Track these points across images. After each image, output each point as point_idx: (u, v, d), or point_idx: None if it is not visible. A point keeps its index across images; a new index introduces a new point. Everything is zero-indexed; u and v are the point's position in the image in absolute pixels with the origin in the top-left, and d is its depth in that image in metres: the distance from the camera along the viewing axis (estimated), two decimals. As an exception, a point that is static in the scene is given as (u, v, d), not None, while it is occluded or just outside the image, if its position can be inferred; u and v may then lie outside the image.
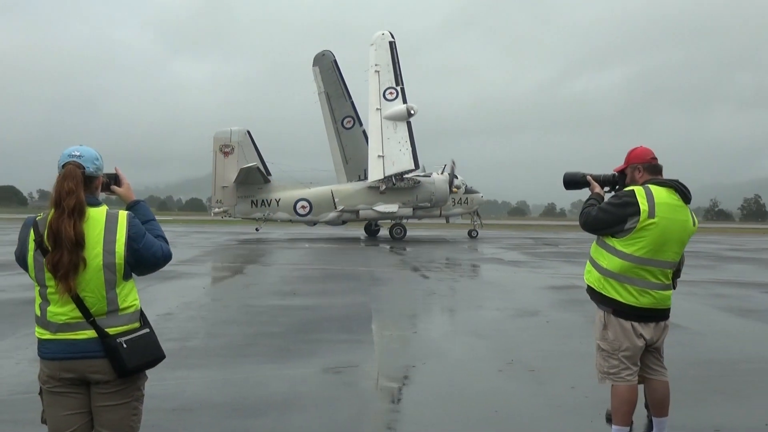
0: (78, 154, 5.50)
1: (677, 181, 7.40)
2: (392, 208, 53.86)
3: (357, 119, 58.62)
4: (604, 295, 7.26)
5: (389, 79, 52.65)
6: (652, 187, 7.24)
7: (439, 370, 11.40)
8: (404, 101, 51.97)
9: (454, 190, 56.16)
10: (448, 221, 62.75)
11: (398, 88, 52.18)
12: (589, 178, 7.87)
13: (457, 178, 57.16)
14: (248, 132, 57.39)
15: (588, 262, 7.54)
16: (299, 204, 55.68)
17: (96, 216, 5.37)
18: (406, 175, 53.11)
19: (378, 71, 52.93)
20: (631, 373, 7.28)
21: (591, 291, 7.46)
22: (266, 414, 8.95)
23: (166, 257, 5.61)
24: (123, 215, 5.44)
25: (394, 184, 53.37)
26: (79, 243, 5.23)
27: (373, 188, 54.18)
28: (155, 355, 5.55)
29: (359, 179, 57.12)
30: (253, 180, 55.41)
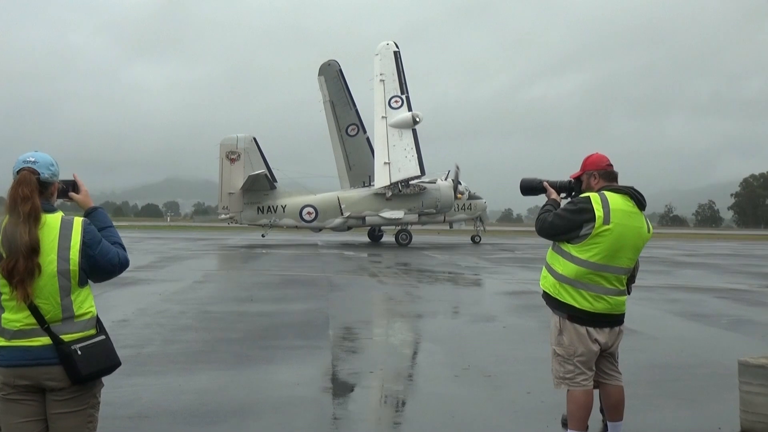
0: (33, 160, 5.47)
1: (632, 187, 7.48)
2: (398, 214, 54.49)
3: (361, 126, 59.51)
4: (560, 301, 7.31)
5: (394, 88, 53.37)
6: (608, 194, 7.31)
7: (396, 375, 11.44)
8: (409, 109, 52.74)
9: (459, 196, 56.73)
10: (452, 227, 63.22)
11: (403, 97, 52.95)
12: (545, 184, 7.94)
13: (460, 183, 57.70)
14: (254, 139, 58.16)
15: (544, 267, 7.60)
16: (305, 210, 56.48)
17: (51, 222, 5.33)
18: (412, 182, 53.68)
19: (383, 80, 53.49)
20: (586, 378, 7.34)
21: (547, 296, 7.51)
22: (225, 420, 8.93)
23: (123, 264, 5.58)
24: (78, 222, 5.41)
25: (400, 191, 53.83)
26: (34, 249, 5.19)
27: (380, 195, 54.54)
28: (111, 362, 5.52)
29: (363, 185, 57.88)
30: (260, 186, 56.24)
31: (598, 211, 7.16)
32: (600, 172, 7.54)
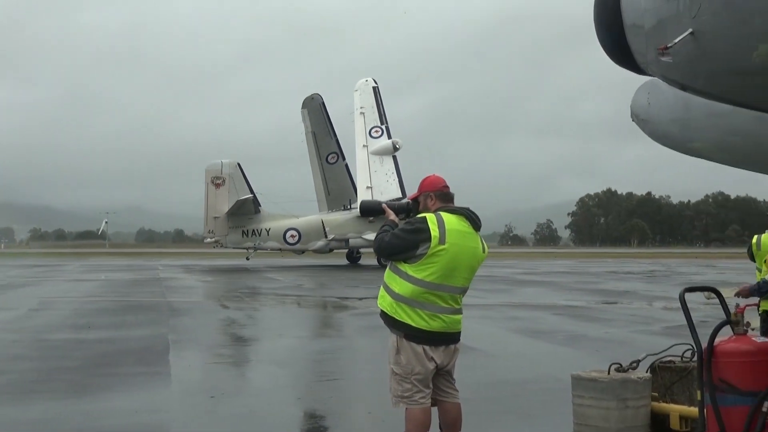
0: None
1: (467, 208, 7.62)
2: None
3: (340, 154, 62.32)
4: (397, 320, 7.36)
5: (374, 119, 57.13)
6: (444, 214, 7.41)
7: (239, 400, 11.30)
8: (389, 137, 56.00)
9: None
10: None
11: (383, 127, 56.51)
12: (384, 206, 8.03)
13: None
14: (239, 164, 61.16)
15: (381, 287, 7.66)
16: (289, 233, 59.21)
17: None
18: None
19: (363, 113, 57.37)
20: (423, 396, 7.39)
21: (384, 315, 7.56)
22: (58, 452, 8.65)
23: None
24: None
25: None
26: None
27: (362, 218, 55.64)
28: None
29: (343, 209, 60.24)
30: (245, 210, 59.07)
31: (434, 231, 7.24)
32: (436, 193, 7.66)
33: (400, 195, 53.97)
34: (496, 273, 47.86)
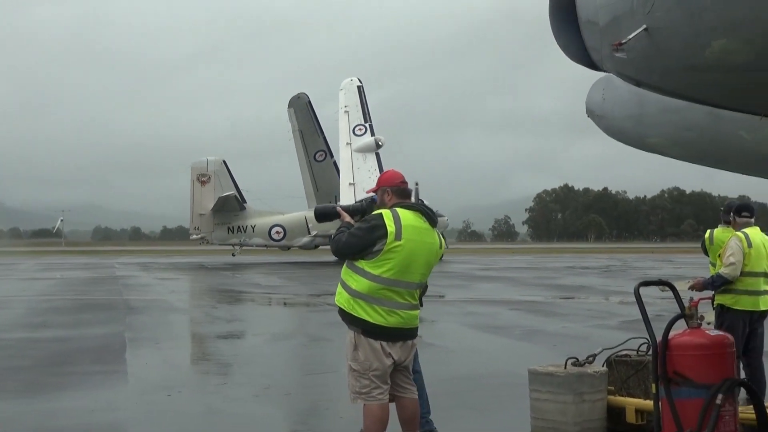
0: None
1: (423, 204, 7.64)
2: None
3: (328, 152, 63.03)
4: (354, 316, 7.35)
5: (358, 117, 57.30)
6: (399, 210, 7.43)
7: (196, 397, 11.25)
8: (372, 134, 56.13)
9: None
10: None
11: (367, 125, 56.53)
12: (339, 209, 8.03)
13: (423, 202, 58.48)
14: (224, 162, 62.86)
15: (339, 284, 7.65)
16: (274, 230, 60.66)
17: None
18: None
19: (347, 111, 57.22)
20: (381, 392, 7.39)
21: (342, 312, 7.55)
22: (12, 452, 8.56)
23: None
24: None
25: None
26: None
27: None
28: None
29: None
30: (230, 207, 60.14)
31: (390, 227, 7.25)
32: (393, 189, 7.68)
33: None
34: (454, 269, 47.99)
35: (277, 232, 60.56)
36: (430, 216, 7.57)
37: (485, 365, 13.82)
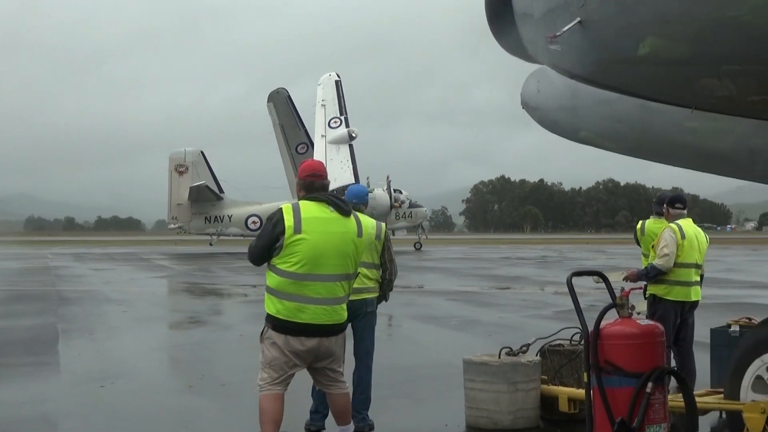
0: None
1: (331, 194, 7.48)
2: None
3: (310, 145, 62.51)
4: (267, 311, 7.26)
5: (334, 111, 58.35)
6: (302, 203, 7.30)
7: (129, 388, 11.16)
8: (347, 127, 57.10)
9: (396, 204, 61.46)
10: (393, 234, 64.58)
11: (342, 117, 57.51)
12: None
13: (401, 193, 63.10)
14: (202, 152, 64.64)
15: None
16: (250, 219, 61.38)
17: None
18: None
19: (324, 105, 58.18)
20: (277, 385, 7.25)
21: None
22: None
23: None
24: None
25: None
26: None
27: None
28: None
29: None
30: (206, 197, 61.15)
31: (288, 221, 7.11)
32: (301, 183, 7.52)
33: (352, 181, 55.03)
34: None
35: (254, 222, 60.94)
36: (339, 205, 7.37)
37: (421, 355, 13.89)
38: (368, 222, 8.91)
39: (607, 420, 6.37)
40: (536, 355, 9.41)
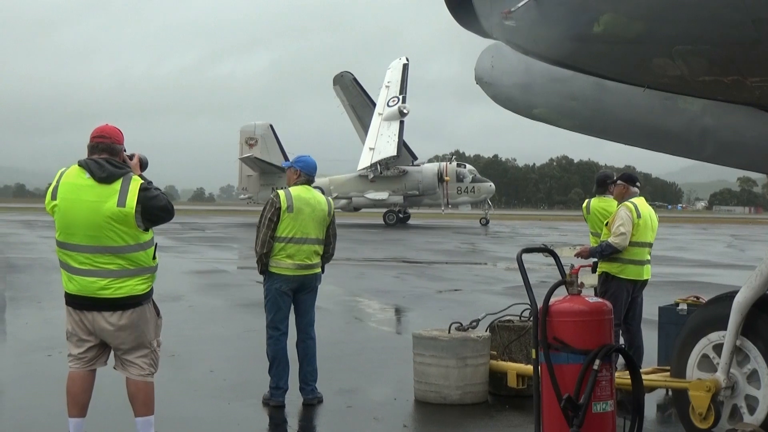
0: None
1: (90, 158, 6.69)
2: (382, 195, 60.89)
3: None
4: None
5: (395, 91, 61.37)
6: (71, 167, 6.75)
7: (76, 359, 11.04)
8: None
9: (446, 179, 62.09)
10: (457, 209, 70.18)
11: (400, 97, 60.28)
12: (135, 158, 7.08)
13: (465, 167, 65.21)
14: (271, 125, 68.01)
15: None
16: None
17: None
18: (398, 166, 60.77)
19: (388, 86, 61.56)
20: (73, 360, 6.92)
21: None
22: None
23: None
24: None
25: (381, 173, 60.25)
26: None
27: (363, 177, 61.39)
28: None
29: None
30: (272, 169, 62.37)
31: (52, 186, 6.71)
32: (89, 144, 6.81)
33: (394, 153, 58.15)
34: (343, 233, 48.00)
35: None
36: (93, 171, 6.58)
37: (371, 329, 13.92)
38: (320, 197, 8.96)
39: (555, 396, 6.40)
40: (486, 331, 9.45)
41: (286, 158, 64.44)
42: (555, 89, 7.40)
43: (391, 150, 58.34)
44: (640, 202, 10.21)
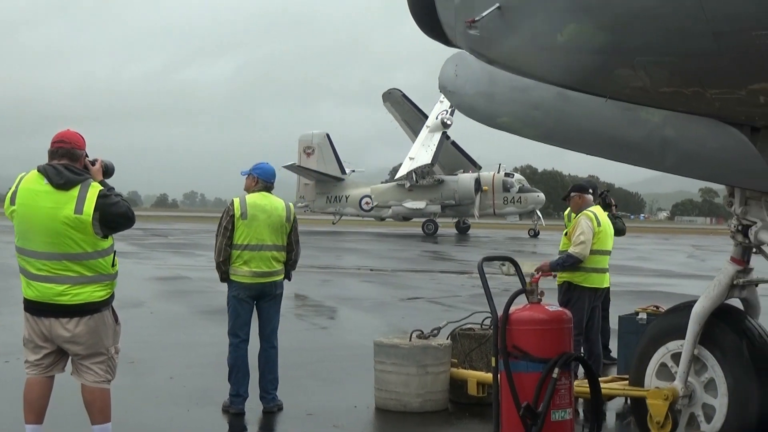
0: None
1: (46, 165, 6.61)
2: (420, 204, 60.69)
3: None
4: None
5: (448, 105, 58.42)
6: (31, 172, 6.67)
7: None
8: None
9: (484, 189, 61.52)
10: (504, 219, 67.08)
11: (450, 109, 57.88)
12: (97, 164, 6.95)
13: (512, 176, 64.18)
14: (327, 135, 68.16)
15: None
16: (363, 200, 63.83)
17: None
18: (435, 175, 60.78)
19: (442, 101, 58.62)
20: (29, 367, 6.85)
21: None
22: None
23: None
24: None
25: (417, 182, 60.15)
26: None
27: (401, 186, 61.75)
28: None
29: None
30: (327, 178, 64.31)
31: (11, 191, 6.66)
32: (49, 150, 6.75)
33: (428, 161, 58.21)
34: (306, 240, 47.91)
35: (366, 203, 63.22)
36: (50, 177, 6.51)
37: (333, 336, 13.91)
38: (277, 203, 8.95)
39: (514, 404, 6.43)
40: (447, 339, 9.46)
41: (341, 167, 66.48)
42: (518, 98, 7.43)
43: (425, 158, 58.45)
44: (599, 210, 10.29)
